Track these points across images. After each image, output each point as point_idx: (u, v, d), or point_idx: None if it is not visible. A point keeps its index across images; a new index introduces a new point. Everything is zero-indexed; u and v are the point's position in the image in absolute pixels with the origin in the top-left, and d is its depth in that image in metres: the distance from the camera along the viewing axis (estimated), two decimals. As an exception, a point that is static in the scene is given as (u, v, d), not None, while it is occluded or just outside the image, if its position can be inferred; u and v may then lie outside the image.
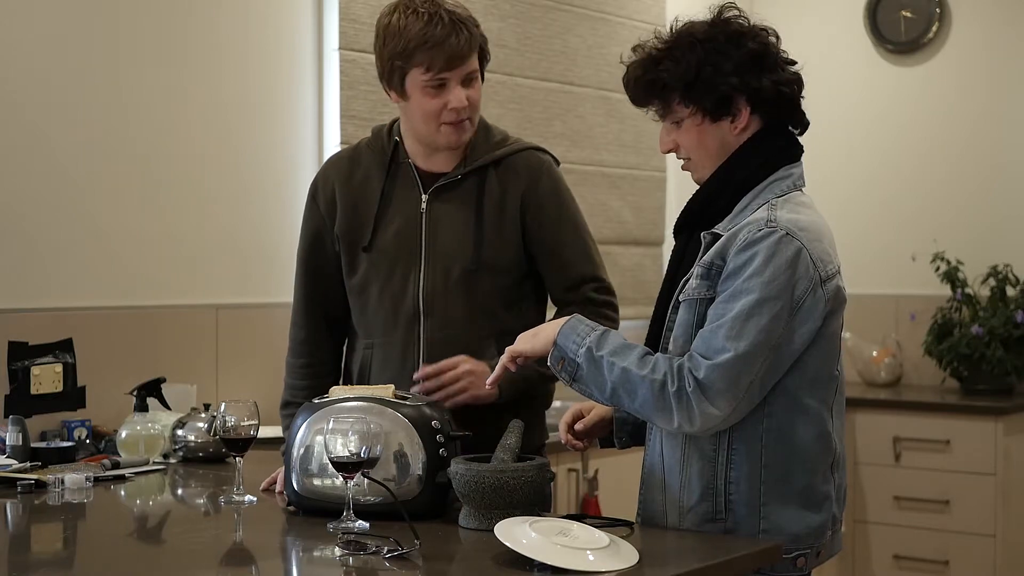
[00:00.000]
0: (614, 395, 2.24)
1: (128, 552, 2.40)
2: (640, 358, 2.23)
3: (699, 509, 2.29)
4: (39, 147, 3.50)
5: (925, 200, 5.38)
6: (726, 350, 2.17)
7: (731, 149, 2.34)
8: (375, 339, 2.75)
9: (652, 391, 2.20)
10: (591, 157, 5.04)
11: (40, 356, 3.14)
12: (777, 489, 2.27)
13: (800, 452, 2.28)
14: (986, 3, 5.31)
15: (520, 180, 2.72)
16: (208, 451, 3.19)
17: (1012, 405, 4.78)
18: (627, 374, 2.22)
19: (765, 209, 2.27)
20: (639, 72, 2.35)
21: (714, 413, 2.18)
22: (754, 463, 2.27)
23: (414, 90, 2.63)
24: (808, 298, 2.22)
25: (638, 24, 5.20)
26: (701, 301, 2.26)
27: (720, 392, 2.17)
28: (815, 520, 2.30)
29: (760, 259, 2.20)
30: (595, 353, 2.25)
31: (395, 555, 2.12)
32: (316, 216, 2.79)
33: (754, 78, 2.30)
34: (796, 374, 2.26)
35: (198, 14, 3.84)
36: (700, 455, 2.29)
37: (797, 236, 2.22)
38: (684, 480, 2.30)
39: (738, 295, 2.20)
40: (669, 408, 2.19)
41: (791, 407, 2.27)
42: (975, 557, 4.72)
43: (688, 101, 2.32)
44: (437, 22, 2.58)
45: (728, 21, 2.34)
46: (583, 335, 2.28)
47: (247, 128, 3.96)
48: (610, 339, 2.27)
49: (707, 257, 2.28)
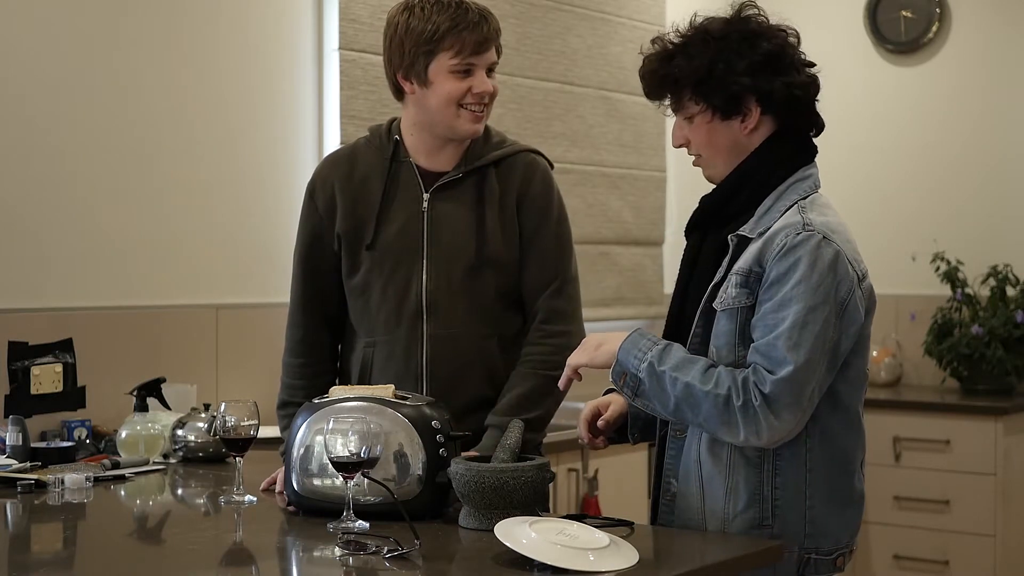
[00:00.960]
0: (678, 410, 2.23)
1: (128, 552, 2.40)
2: (703, 372, 2.22)
3: (746, 516, 2.28)
4: (39, 147, 3.50)
5: (925, 200, 5.38)
6: (788, 362, 2.16)
7: (743, 149, 2.33)
8: (377, 337, 2.75)
9: (716, 406, 2.19)
10: (591, 157, 5.04)
11: (40, 356, 3.14)
12: (822, 492, 2.28)
13: (842, 452, 2.30)
14: (986, 3, 5.31)
15: (517, 179, 2.74)
16: (208, 451, 3.19)
17: (1012, 405, 4.78)
18: (690, 389, 2.21)
19: (796, 212, 2.26)
20: (654, 65, 2.35)
21: (783, 426, 2.18)
22: (800, 468, 2.27)
23: (438, 75, 2.65)
24: (851, 299, 2.23)
25: (638, 24, 5.20)
26: (742, 310, 2.25)
27: (788, 405, 2.17)
28: (853, 518, 2.32)
29: (804, 265, 2.20)
30: (657, 368, 2.23)
31: (395, 555, 2.12)
32: (314, 215, 2.79)
33: (766, 80, 2.29)
34: (839, 376, 2.27)
35: (198, 14, 3.84)
36: (746, 462, 2.28)
37: (832, 239, 2.23)
38: (729, 487, 2.29)
39: (787, 303, 2.19)
40: (736, 423, 2.18)
41: (834, 408, 2.28)
42: (975, 557, 4.72)
43: (699, 98, 2.31)
44: (466, 9, 2.65)
45: (746, 20, 2.34)
46: (645, 350, 2.26)
47: (247, 128, 3.96)
48: (672, 353, 2.25)
49: (743, 264, 2.26)
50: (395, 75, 2.70)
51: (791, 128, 2.35)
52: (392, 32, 2.69)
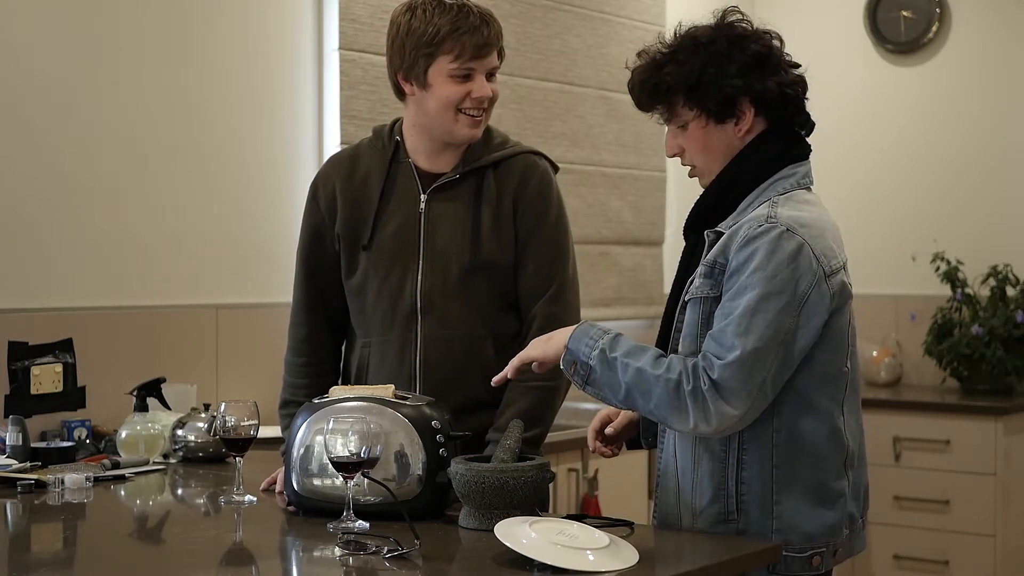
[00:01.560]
0: (628, 396, 2.24)
1: (128, 552, 2.40)
2: (655, 359, 2.23)
3: (711, 511, 2.29)
4: (39, 147, 3.50)
5: (925, 200, 5.38)
6: (735, 347, 2.17)
7: (736, 151, 2.35)
8: (373, 338, 2.75)
9: (667, 390, 2.19)
10: (591, 157, 5.04)
11: (40, 356, 3.14)
12: (788, 488, 2.28)
13: (810, 450, 2.29)
14: (986, 3, 5.31)
15: (514, 181, 2.73)
16: (208, 451, 3.19)
17: (1012, 405, 4.78)
18: (641, 374, 2.21)
19: (766, 207, 2.28)
20: (643, 76, 2.36)
21: (730, 412, 2.17)
22: (765, 463, 2.27)
23: (437, 78, 2.64)
24: (813, 292, 2.22)
25: (638, 24, 5.20)
26: (705, 300, 2.27)
27: (734, 391, 2.17)
28: (829, 518, 2.30)
29: (761, 255, 2.21)
30: (608, 355, 2.24)
31: (395, 555, 2.12)
32: (316, 215, 2.80)
33: (757, 80, 2.31)
34: (804, 371, 2.26)
35: (198, 14, 3.84)
36: (711, 456, 2.29)
37: (798, 232, 2.23)
38: (696, 481, 2.31)
39: (742, 291, 2.21)
40: (685, 408, 2.18)
41: (800, 405, 2.28)
42: (975, 557, 4.72)
43: (692, 104, 2.33)
44: (468, 13, 2.64)
45: (731, 25, 2.36)
46: (595, 338, 2.27)
47: (247, 128, 3.96)
48: (623, 342, 2.26)
49: (710, 256, 2.29)
50: (396, 76, 2.70)
51: (782, 127, 2.36)
52: (394, 32, 2.69)
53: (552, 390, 2.66)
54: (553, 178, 2.78)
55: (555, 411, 2.70)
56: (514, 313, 2.74)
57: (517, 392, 2.65)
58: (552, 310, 2.69)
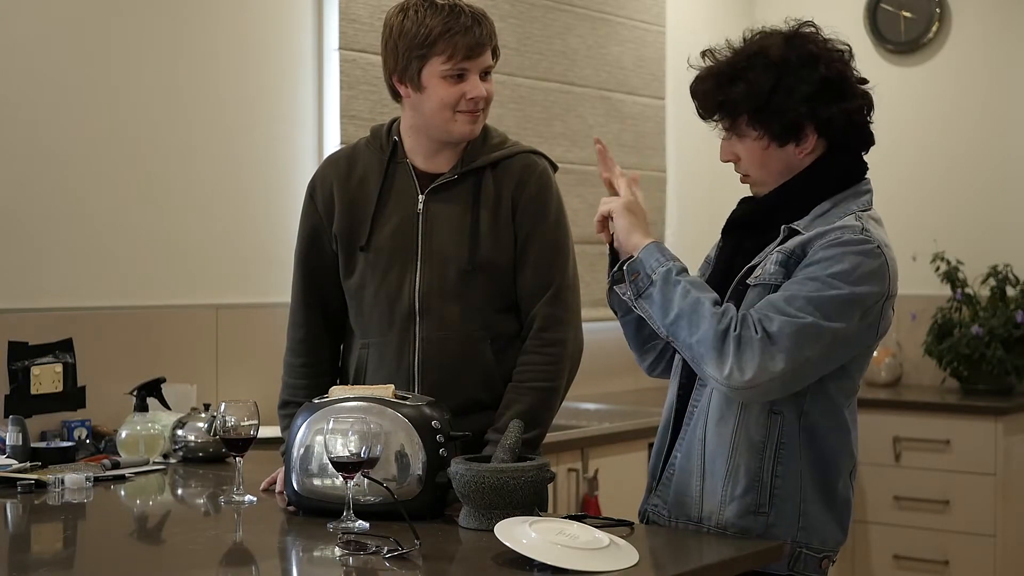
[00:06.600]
0: (676, 322, 2.23)
1: (128, 552, 2.40)
2: (714, 299, 2.24)
3: (744, 500, 2.29)
4: (38, 147, 3.50)
5: (925, 200, 5.38)
6: (804, 315, 2.17)
7: (795, 169, 2.33)
8: (371, 338, 2.74)
9: (715, 330, 2.18)
10: (591, 157, 5.03)
11: (40, 356, 3.15)
12: (815, 489, 2.29)
13: (828, 455, 2.30)
14: (986, 3, 5.31)
15: (513, 181, 2.72)
16: (208, 451, 3.19)
17: (1012, 405, 4.79)
18: (699, 305, 2.21)
19: (855, 219, 2.28)
20: (709, 86, 2.33)
21: (770, 368, 2.16)
22: (797, 461, 2.28)
23: (431, 79, 2.63)
24: (875, 309, 2.24)
25: (638, 24, 5.20)
26: (775, 287, 2.25)
27: (787, 349, 2.16)
28: (840, 525, 2.33)
29: (851, 261, 2.21)
30: (674, 276, 2.25)
31: (395, 555, 2.12)
32: (314, 215, 2.79)
33: (824, 107, 2.28)
34: (837, 379, 2.28)
35: (198, 14, 3.84)
36: (750, 446, 2.28)
37: (884, 252, 2.26)
38: (731, 468, 2.29)
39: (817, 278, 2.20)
40: (726, 352, 2.17)
41: (826, 411, 2.29)
42: (975, 557, 4.72)
43: (756, 124, 2.31)
44: (459, 13, 2.62)
45: (804, 39, 2.32)
46: (669, 258, 2.29)
47: (247, 128, 3.96)
48: (690, 273, 2.28)
49: (788, 245, 2.27)
50: (391, 78, 2.70)
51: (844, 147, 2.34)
52: (387, 34, 2.68)
53: (551, 391, 2.66)
54: (552, 178, 2.77)
55: (554, 412, 2.70)
56: (513, 314, 2.73)
57: (516, 393, 2.64)
58: (552, 311, 2.68)
